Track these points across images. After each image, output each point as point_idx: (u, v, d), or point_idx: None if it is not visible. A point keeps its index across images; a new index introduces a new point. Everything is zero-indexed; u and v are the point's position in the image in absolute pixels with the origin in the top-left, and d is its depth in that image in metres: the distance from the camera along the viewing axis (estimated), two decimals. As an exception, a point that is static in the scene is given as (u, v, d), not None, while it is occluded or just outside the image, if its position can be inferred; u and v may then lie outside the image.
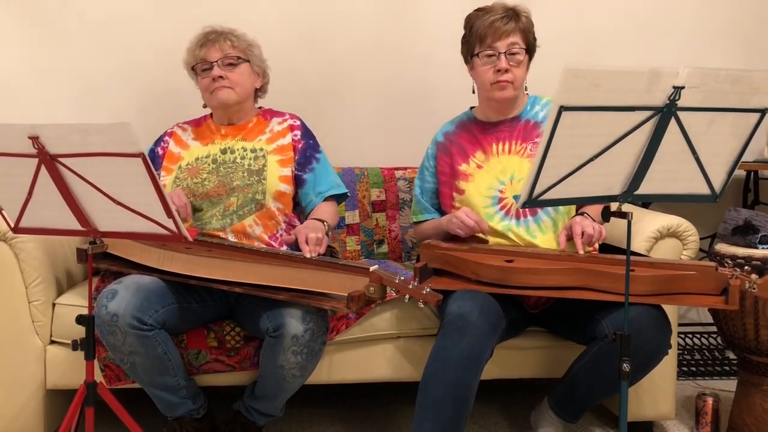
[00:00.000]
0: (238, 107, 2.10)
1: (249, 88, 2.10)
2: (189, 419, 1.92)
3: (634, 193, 1.48)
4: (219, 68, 2.04)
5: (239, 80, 2.06)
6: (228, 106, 2.09)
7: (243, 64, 2.07)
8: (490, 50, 1.95)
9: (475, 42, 1.97)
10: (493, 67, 1.95)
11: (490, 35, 1.95)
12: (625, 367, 1.50)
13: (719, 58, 2.91)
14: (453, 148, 2.08)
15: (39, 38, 2.63)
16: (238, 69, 2.06)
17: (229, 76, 2.04)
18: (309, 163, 2.10)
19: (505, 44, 1.94)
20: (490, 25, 1.94)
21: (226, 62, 2.04)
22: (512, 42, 1.94)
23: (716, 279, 1.69)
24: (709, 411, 2.12)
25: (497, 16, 1.95)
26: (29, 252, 1.95)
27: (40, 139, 1.41)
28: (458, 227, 1.90)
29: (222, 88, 2.04)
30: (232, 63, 2.05)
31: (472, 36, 1.99)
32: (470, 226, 1.88)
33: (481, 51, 1.96)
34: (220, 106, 2.09)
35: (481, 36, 1.96)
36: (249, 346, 1.95)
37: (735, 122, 1.42)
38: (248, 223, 2.00)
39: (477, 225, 1.88)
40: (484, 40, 1.95)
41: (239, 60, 2.06)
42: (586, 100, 1.29)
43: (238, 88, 2.06)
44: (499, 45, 1.94)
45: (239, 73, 2.06)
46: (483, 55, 1.96)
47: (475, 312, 1.72)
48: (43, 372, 1.98)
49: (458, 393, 1.70)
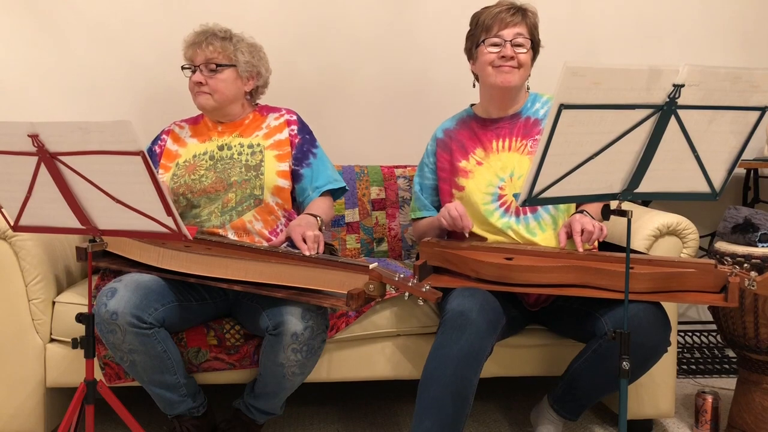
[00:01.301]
0: (220, 111, 2.10)
1: (231, 93, 2.07)
2: (189, 417, 1.92)
3: (634, 191, 1.48)
4: (200, 73, 2.03)
5: (219, 87, 2.04)
6: (207, 111, 2.10)
7: (227, 70, 2.05)
8: (496, 38, 1.94)
9: (481, 32, 1.97)
10: (498, 54, 1.94)
11: (497, 24, 1.94)
12: (625, 365, 1.50)
13: (720, 56, 2.91)
14: (453, 144, 2.08)
15: (40, 37, 2.63)
16: (220, 75, 2.04)
17: (209, 82, 2.03)
18: (306, 157, 2.10)
19: (512, 33, 1.94)
20: (496, 15, 1.95)
21: (208, 68, 2.04)
22: (518, 32, 1.94)
23: (716, 276, 1.69)
24: (709, 409, 2.13)
25: (504, 8, 1.96)
26: (29, 250, 1.95)
27: (39, 137, 1.41)
28: (443, 216, 1.91)
29: (201, 93, 2.05)
30: (214, 69, 2.04)
31: (477, 28, 1.99)
32: (453, 216, 1.88)
33: (486, 38, 1.95)
34: (201, 109, 2.10)
35: (487, 26, 1.95)
36: (249, 344, 1.95)
37: (735, 120, 1.42)
38: (248, 219, 2.00)
39: (459, 219, 1.88)
40: (491, 29, 1.95)
41: (222, 66, 2.04)
42: (586, 98, 1.29)
43: (216, 95, 2.05)
44: (505, 33, 1.94)
45: (220, 79, 2.04)
46: (488, 43, 1.95)
47: (474, 310, 1.72)
48: (43, 370, 1.98)
49: (458, 390, 1.70)
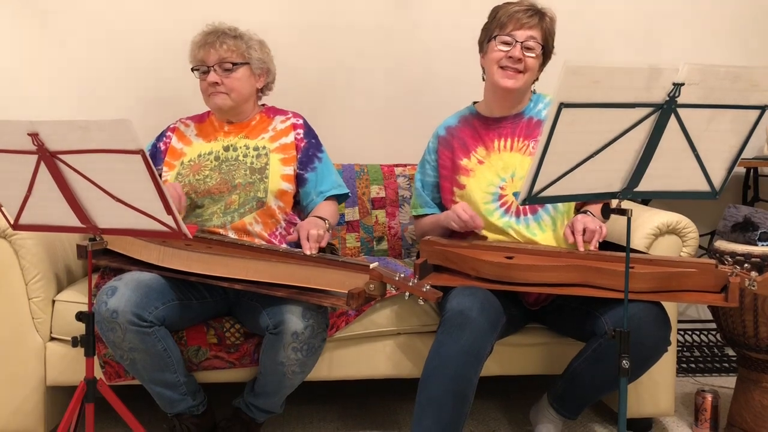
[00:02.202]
0: (235, 110, 2.09)
1: (247, 91, 2.08)
2: (189, 416, 1.92)
3: (634, 190, 1.48)
4: (215, 74, 2.02)
5: (235, 86, 2.04)
6: (224, 111, 2.08)
7: (241, 68, 2.05)
8: (508, 37, 1.93)
9: (495, 27, 1.96)
10: (506, 54, 1.94)
11: (512, 23, 1.94)
12: (625, 363, 1.50)
13: (720, 55, 2.90)
14: (455, 142, 2.07)
15: (40, 35, 2.62)
16: (235, 74, 2.04)
17: (225, 81, 2.03)
18: (311, 162, 2.10)
19: (524, 35, 1.93)
20: (513, 14, 1.94)
21: (223, 67, 2.03)
22: (531, 35, 1.93)
23: (716, 276, 1.69)
24: (708, 408, 2.13)
25: (523, 8, 1.95)
26: (29, 249, 1.95)
27: (39, 136, 1.41)
28: (453, 220, 1.91)
29: (217, 93, 2.03)
30: (229, 68, 2.03)
31: (493, 22, 1.98)
32: (464, 219, 1.88)
33: (499, 35, 1.95)
34: (216, 110, 2.09)
35: (502, 23, 1.95)
36: (249, 342, 1.95)
37: (735, 119, 1.42)
38: (248, 221, 2.00)
39: (471, 220, 1.88)
40: (505, 27, 1.94)
41: (236, 65, 2.04)
42: (586, 96, 1.29)
43: (233, 94, 2.04)
44: (518, 34, 1.93)
45: (236, 78, 2.04)
46: (500, 41, 1.94)
47: (475, 308, 1.72)
48: (43, 369, 1.98)
49: (458, 389, 1.70)
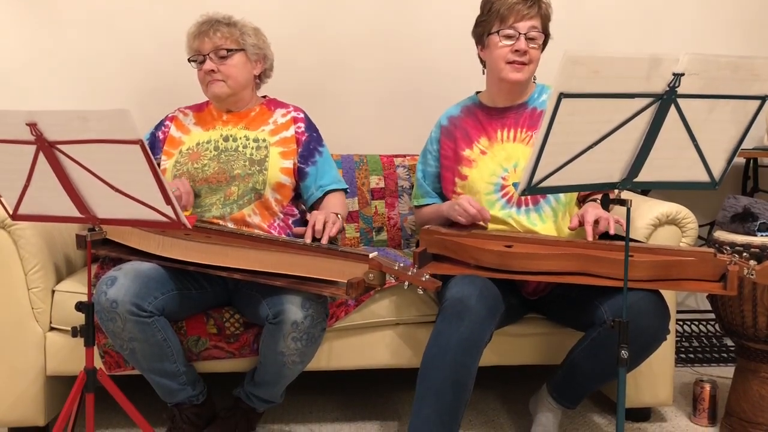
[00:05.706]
0: (234, 98, 2.09)
1: (243, 78, 2.07)
2: (188, 405, 1.93)
3: (634, 180, 1.48)
4: (211, 61, 2.02)
5: (231, 72, 2.03)
6: (222, 99, 2.08)
7: (236, 54, 2.04)
8: (511, 30, 1.93)
9: (494, 21, 1.95)
10: (512, 47, 1.93)
11: (512, 16, 1.92)
12: (624, 353, 1.50)
13: (720, 45, 2.89)
14: (457, 132, 2.07)
15: (39, 25, 2.61)
16: (231, 60, 2.03)
17: (221, 69, 2.02)
18: (312, 155, 2.09)
19: (527, 26, 1.92)
20: (512, 6, 1.92)
21: (218, 54, 2.02)
22: (533, 25, 1.93)
23: (715, 265, 1.69)
24: (707, 397, 2.14)
25: None
26: (28, 239, 1.95)
27: (38, 126, 1.40)
28: (460, 215, 1.90)
29: (215, 81, 2.03)
30: (224, 55, 2.02)
31: (490, 15, 1.96)
32: (472, 214, 1.87)
33: (501, 29, 1.94)
34: (215, 98, 2.09)
35: (502, 16, 1.93)
36: (248, 332, 1.96)
37: (735, 109, 1.41)
38: (247, 212, 2.00)
39: (479, 213, 1.88)
40: (506, 19, 1.93)
41: (231, 51, 2.03)
42: (586, 86, 1.29)
43: (230, 81, 2.04)
44: (520, 26, 1.92)
45: (232, 65, 2.03)
46: (502, 35, 1.93)
47: (474, 296, 1.73)
48: (43, 358, 1.98)
49: (457, 378, 1.71)
